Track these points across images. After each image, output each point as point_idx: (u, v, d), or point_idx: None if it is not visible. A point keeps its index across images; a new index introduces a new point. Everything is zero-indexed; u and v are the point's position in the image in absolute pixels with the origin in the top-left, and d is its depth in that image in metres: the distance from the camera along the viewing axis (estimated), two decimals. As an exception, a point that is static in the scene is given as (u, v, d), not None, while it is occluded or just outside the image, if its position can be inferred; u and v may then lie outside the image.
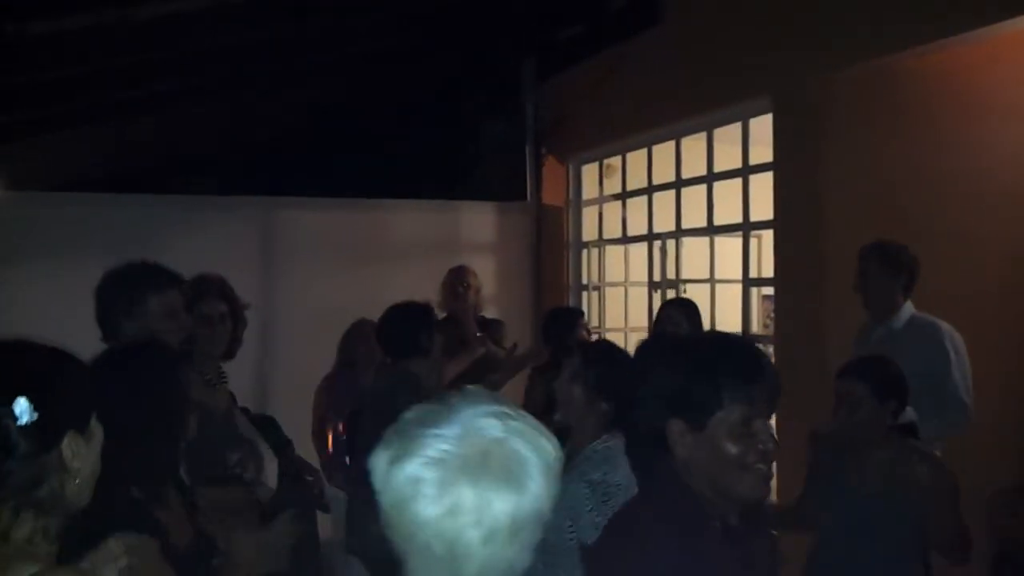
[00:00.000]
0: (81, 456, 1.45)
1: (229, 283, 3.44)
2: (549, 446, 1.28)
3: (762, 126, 5.17)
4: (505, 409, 1.28)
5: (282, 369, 6.23)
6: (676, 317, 4.51)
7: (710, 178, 5.74)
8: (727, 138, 5.67)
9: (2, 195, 5.97)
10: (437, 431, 1.24)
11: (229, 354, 3.33)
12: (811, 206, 4.65)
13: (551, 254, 7.36)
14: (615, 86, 6.27)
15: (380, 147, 7.41)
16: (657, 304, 5.94)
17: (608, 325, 6.87)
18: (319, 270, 6.55)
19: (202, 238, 6.20)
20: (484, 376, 5.34)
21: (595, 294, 7.04)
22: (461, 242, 7.08)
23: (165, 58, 4.89)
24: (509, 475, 1.22)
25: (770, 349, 4.86)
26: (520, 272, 7.24)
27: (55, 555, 1.43)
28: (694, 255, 6.09)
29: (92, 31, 4.18)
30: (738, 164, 5.48)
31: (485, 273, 5.75)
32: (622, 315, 6.74)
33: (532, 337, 7.12)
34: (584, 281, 7.19)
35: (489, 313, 5.89)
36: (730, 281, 5.74)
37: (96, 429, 1.52)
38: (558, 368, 3.46)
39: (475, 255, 6.60)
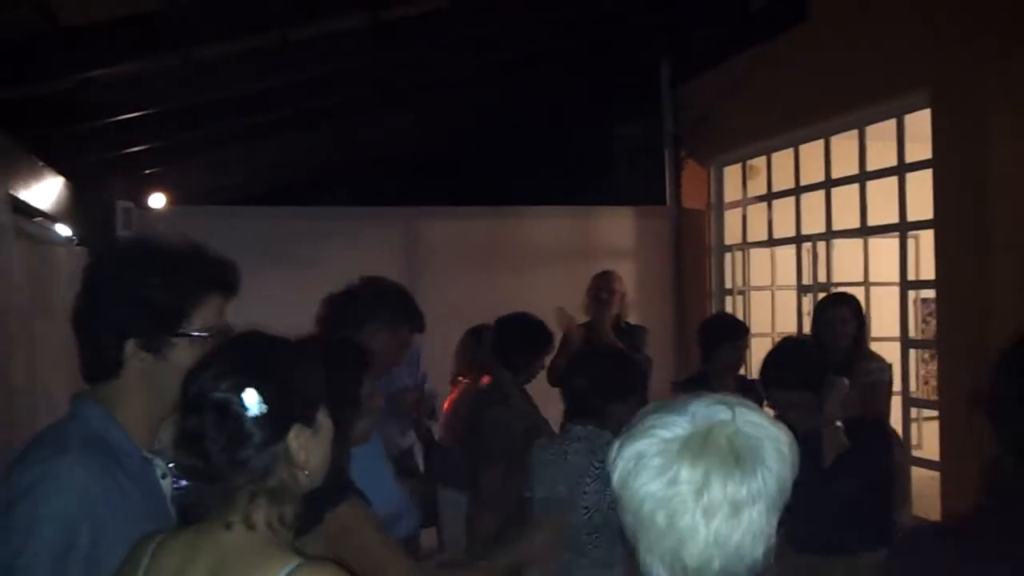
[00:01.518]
0: (308, 449, 1.49)
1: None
2: (780, 433, 1.29)
3: (917, 121, 4.94)
4: (735, 400, 1.31)
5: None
6: (845, 315, 4.40)
7: (863, 177, 5.50)
8: (879, 135, 5.43)
9: (169, 209, 6.38)
10: (667, 417, 1.29)
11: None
12: (975, 204, 4.39)
13: (692, 258, 7.23)
14: (759, 85, 6.10)
15: (519, 154, 7.49)
16: (807, 308, 5.75)
17: (755, 330, 6.66)
18: (459, 278, 6.66)
19: (347, 247, 6.45)
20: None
21: (739, 298, 6.86)
22: (600, 247, 7.05)
23: (313, 78, 5.09)
24: (733, 455, 1.24)
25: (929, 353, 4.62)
26: (660, 277, 7.16)
27: (291, 541, 1.49)
28: (846, 257, 5.85)
29: (249, 54, 4.41)
30: (892, 162, 5.24)
31: (624, 278, 5.70)
32: (769, 320, 6.54)
33: (673, 343, 7.05)
34: (728, 285, 7.02)
35: (629, 319, 5.83)
36: (886, 284, 5.48)
37: (324, 422, 1.55)
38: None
39: (614, 260, 6.55)
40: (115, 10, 3.29)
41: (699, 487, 1.23)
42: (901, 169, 5.11)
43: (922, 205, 4.93)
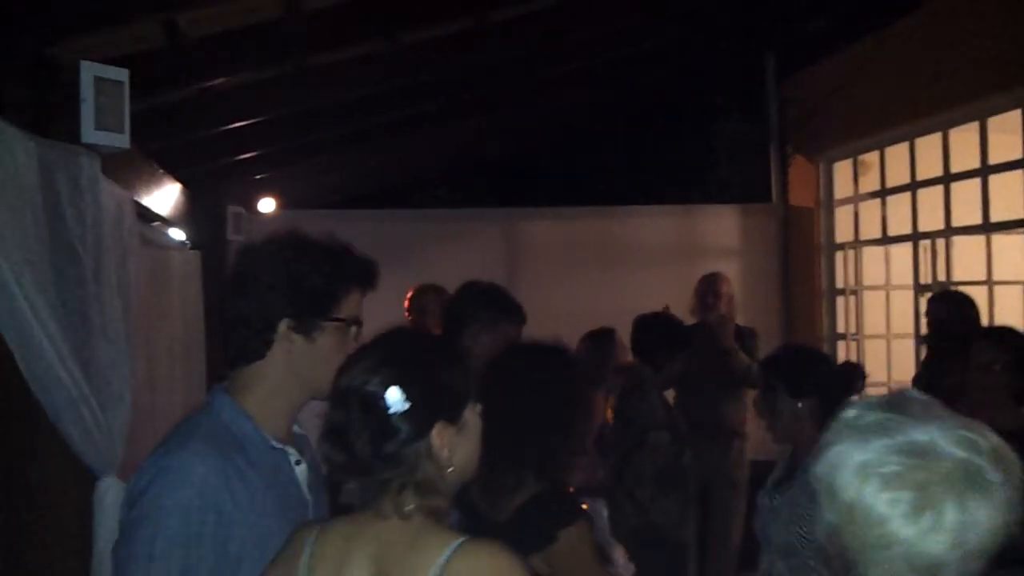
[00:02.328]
0: (452, 446, 1.50)
1: None
2: (1012, 463, 1.22)
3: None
4: (968, 425, 1.23)
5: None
6: (967, 314, 4.23)
7: (984, 171, 5.25)
8: (1002, 127, 5.17)
9: (279, 214, 6.54)
10: (906, 445, 1.19)
11: None
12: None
13: (800, 257, 7.02)
14: (870, 76, 5.89)
15: (621, 153, 7.41)
16: (924, 308, 5.53)
17: (868, 331, 6.45)
18: (562, 278, 6.63)
19: (449, 249, 6.50)
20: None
21: (851, 298, 6.63)
22: (704, 247, 6.92)
23: (419, 81, 5.14)
24: (987, 494, 1.17)
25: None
26: (767, 277, 6.97)
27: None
28: (966, 255, 5.59)
29: (357, 60, 4.47)
30: (1016, 155, 4.98)
31: (730, 279, 5.58)
32: (883, 320, 6.31)
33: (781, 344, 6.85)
34: (839, 285, 6.80)
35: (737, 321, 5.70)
36: (1011, 283, 5.23)
37: (471, 419, 1.56)
38: None
39: (718, 260, 6.42)
40: (236, 20, 3.38)
41: (960, 534, 1.16)
42: (1029, 162, 4.87)
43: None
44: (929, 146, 5.79)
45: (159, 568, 1.60)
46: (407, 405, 1.45)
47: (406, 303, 4.94)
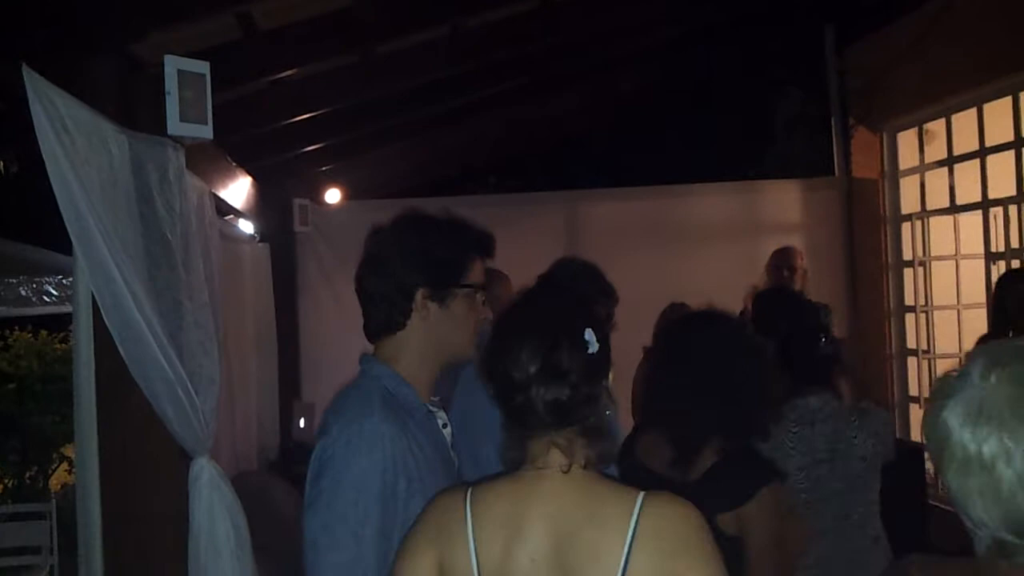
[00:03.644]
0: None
1: None
2: None
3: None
4: None
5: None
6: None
7: (1059, 133, 5.13)
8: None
9: (344, 204, 6.65)
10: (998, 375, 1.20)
11: None
12: None
13: (865, 230, 6.93)
14: (933, 43, 5.77)
15: (681, 131, 7.38)
16: (995, 278, 5.42)
17: (936, 302, 6.35)
18: (625, 258, 6.58)
19: (510, 234, 6.47)
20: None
21: (919, 270, 6.53)
22: (767, 222, 6.85)
23: (479, 67, 5.19)
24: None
25: None
26: (832, 251, 6.88)
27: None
28: (1039, 221, 5.47)
29: (419, 48, 4.53)
30: (1092, 115, 4.86)
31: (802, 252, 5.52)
32: (953, 291, 6.20)
33: (847, 320, 6.76)
34: (907, 257, 6.69)
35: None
36: (1088, 247, 5.11)
37: None
38: None
39: (782, 235, 6.35)
40: (308, 9, 3.45)
41: None
42: (1106, 122, 4.74)
43: None
44: (998, 111, 5.66)
45: (366, 527, 1.68)
46: (598, 347, 1.50)
47: None
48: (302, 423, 6.07)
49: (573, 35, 5.45)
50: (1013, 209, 5.58)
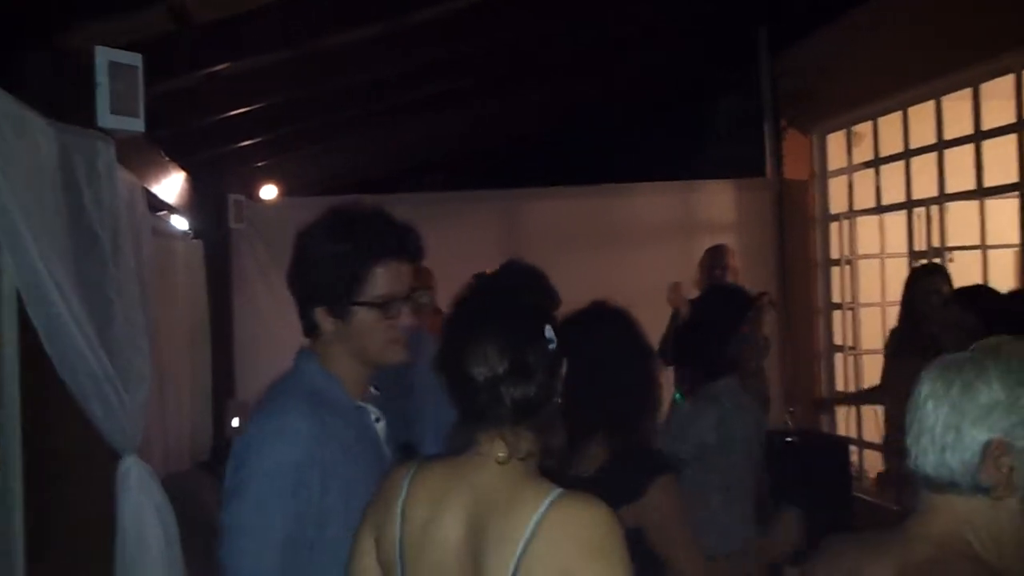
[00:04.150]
0: None
1: None
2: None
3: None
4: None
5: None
6: (938, 284, 4.30)
7: (978, 137, 5.33)
8: (994, 94, 5.25)
9: (279, 200, 6.59)
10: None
11: None
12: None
13: (795, 229, 7.11)
14: (862, 48, 5.95)
15: (617, 132, 7.47)
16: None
17: (863, 299, 6.54)
18: (561, 257, 6.61)
19: (449, 232, 6.54)
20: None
21: (847, 268, 6.72)
22: (701, 222, 6.99)
23: (420, 65, 5.18)
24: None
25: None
26: (764, 250, 7.05)
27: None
28: (961, 221, 5.68)
29: (356, 45, 4.51)
30: (1008, 120, 5.06)
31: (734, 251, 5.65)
32: (879, 289, 6.40)
33: (778, 316, 6.92)
34: (835, 256, 6.88)
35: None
36: (1004, 247, 5.32)
37: None
38: None
39: (716, 234, 6.49)
40: (246, 3, 3.42)
41: None
42: (1021, 126, 4.94)
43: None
44: (922, 114, 5.86)
45: (273, 520, 1.72)
46: (554, 343, 1.55)
47: None
48: (236, 422, 5.99)
49: (514, 35, 5.48)
50: (935, 209, 5.78)
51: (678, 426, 3.36)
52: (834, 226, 6.89)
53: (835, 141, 6.92)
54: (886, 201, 6.31)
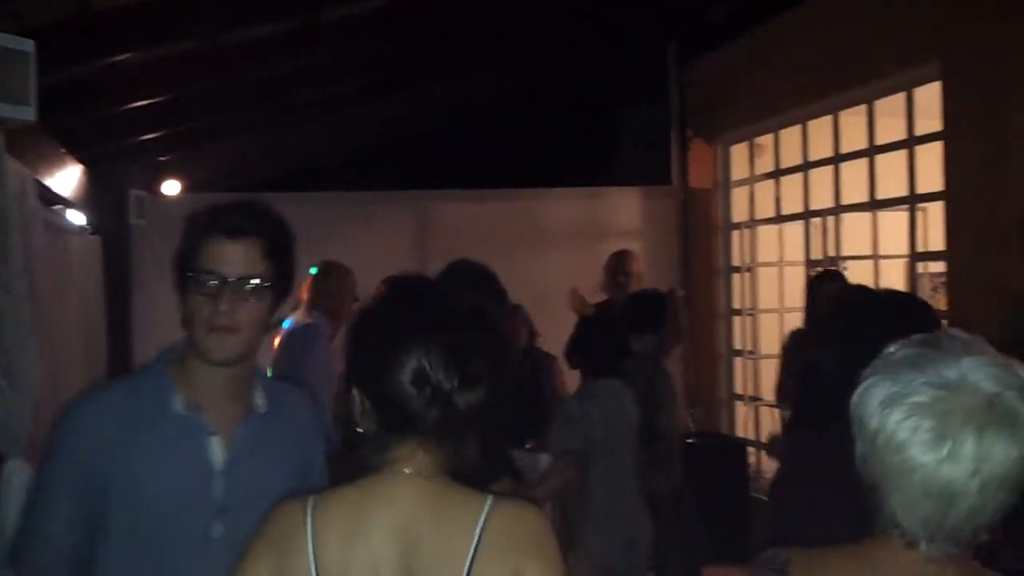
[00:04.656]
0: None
1: None
2: None
3: (924, 97, 5.01)
4: (1002, 361, 1.26)
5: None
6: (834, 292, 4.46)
7: (872, 151, 5.56)
8: (887, 111, 5.49)
9: (183, 196, 6.41)
10: (934, 378, 1.23)
11: None
12: (987, 176, 4.45)
13: (699, 237, 7.29)
14: (766, 63, 6.15)
15: (529, 137, 7.53)
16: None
17: (762, 306, 6.75)
18: (473, 258, 6.68)
19: (361, 232, 6.50)
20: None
21: (746, 275, 6.93)
22: (609, 228, 7.11)
23: (331, 63, 5.12)
24: (1010, 428, 1.21)
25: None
26: (668, 256, 7.22)
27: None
28: (854, 231, 5.91)
29: (264, 40, 4.44)
30: (898, 137, 5.30)
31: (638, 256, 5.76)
32: (777, 295, 6.62)
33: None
34: (735, 263, 7.09)
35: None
36: (894, 257, 5.56)
37: None
38: None
39: (623, 240, 6.60)
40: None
41: (978, 464, 1.20)
42: (911, 142, 5.17)
43: (931, 178, 5.00)
44: (820, 129, 6.08)
45: (51, 498, 1.75)
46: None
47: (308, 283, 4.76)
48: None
49: (424, 37, 5.47)
50: (832, 220, 6.01)
51: (567, 422, 3.58)
52: (736, 234, 7.10)
53: (738, 152, 7.13)
54: (785, 211, 6.53)
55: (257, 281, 1.76)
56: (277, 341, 4.75)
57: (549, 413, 4.86)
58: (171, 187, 6.43)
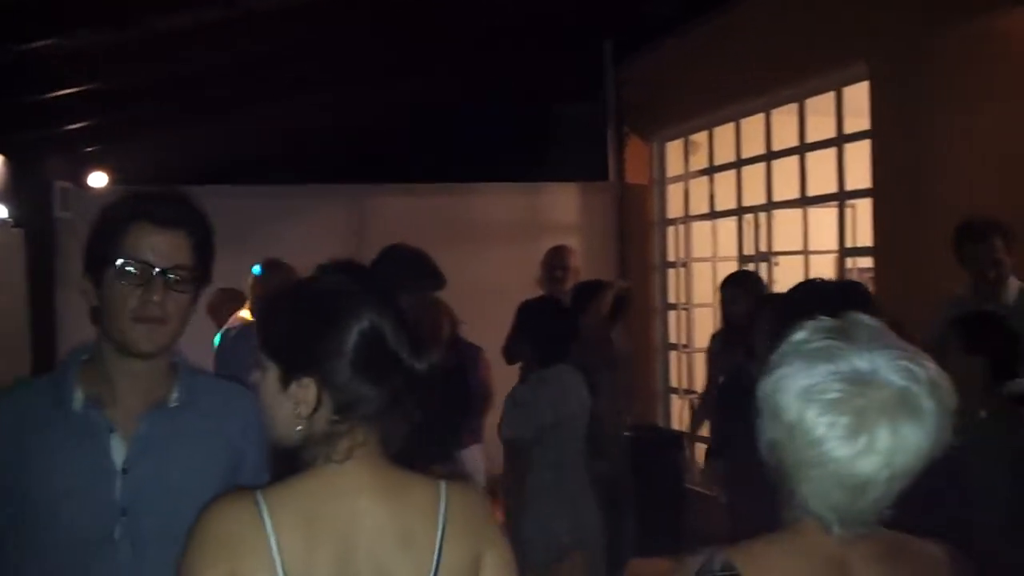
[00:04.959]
0: None
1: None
2: (946, 392, 1.28)
3: (853, 96, 5.14)
4: (909, 354, 1.28)
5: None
6: (734, 294, 4.50)
7: (802, 149, 5.69)
8: (818, 109, 5.61)
9: (110, 189, 6.24)
10: (849, 371, 1.25)
11: None
12: (913, 173, 4.58)
13: (635, 232, 7.37)
14: (700, 62, 6.24)
15: (468, 132, 7.51)
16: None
17: (696, 300, 6.86)
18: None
19: (296, 226, 6.41)
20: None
21: (681, 270, 7.03)
22: (546, 223, 7.14)
23: (262, 53, 5.03)
24: (920, 421, 1.24)
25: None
26: (604, 251, 7.28)
27: None
28: (786, 227, 6.04)
29: (194, 29, 4.33)
30: (829, 135, 5.43)
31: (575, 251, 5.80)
32: (711, 290, 6.71)
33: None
34: (671, 258, 7.18)
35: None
36: (824, 252, 5.69)
37: None
38: None
39: (560, 235, 6.63)
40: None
41: (890, 457, 1.23)
42: (840, 140, 5.30)
43: (859, 176, 5.13)
44: (753, 127, 6.20)
45: None
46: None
47: (252, 280, 4.70)
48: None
49: (358, 30, 5.40)
50: (764, 216, 6.13)
51: (517, 410, 3.64)
52: (671, 230, 7.19)
53: (673, 149, 7.23)
54: (719, 207, 6.64)
55: (186, 272, 1.70)
56: (217, 341, 4.68)
57: (476, 404, 4.92)
58: (98, 179, 6.25)
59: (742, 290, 4.43)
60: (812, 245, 5.80)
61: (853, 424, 1.23)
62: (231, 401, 1.87)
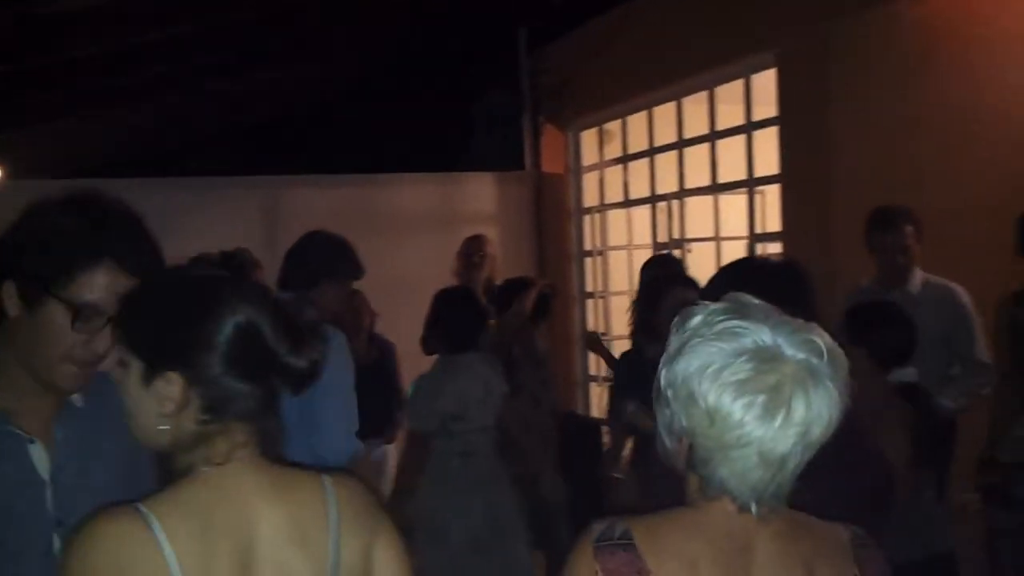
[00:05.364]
0: None
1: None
2: (842, 361, 1.32)
3: (761, 84, 5.24)
4: (803, 327, 1.32)
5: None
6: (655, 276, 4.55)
7: (712, 137, 5.78)
8: (727, 98, 5.71)
9: (7, 183, 5.97)
10: (756, 350, 1.28)
11: None
12: (818, 160, 4.70)
13: (553, 221, 7.40)
14: (613, 51, 6.28)
15: (379, 123, 7.43)
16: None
17: (613, 288, 6.93)
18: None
19: (207, 219, 6.22)
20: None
21: (598, 259, 7.09)
22: (463, 213, 7.11)
23: (167, 39, 4.87)
24: (826, 391, 1.28)
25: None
26: (522, 240, 7.29)
27: None
28: (698, 214, 6.14)
29: (96, 11, 4.16)
30: (737, 122, 5.53)
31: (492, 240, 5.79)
32: (627, 278, 6.80)
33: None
34: (588, 247, 7.23)
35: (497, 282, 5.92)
36: (735, 238, 5.80)
37: None
38: None
39: (477, 225, 6.61)
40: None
41: (805, 428, 1.27)
42: (749, 128, 5.41)
43: (768, 163, 5.25)
44: (665, 115, 6.28)
45: None
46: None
47: None
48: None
49: (269, 16, 5.28)
50: (676, 204, 6.22)
51: (422, 399, 3.69)
52: (587, 219, 7.25)
53: (589, 138, 7.28)
54: (633, 196, 6.71)
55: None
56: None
57: (394, 399, 4.89)
58: (-7, 172, 5.98)
59: (664, 272, 4.48)
60: (723, 231, 5.90)
61: (768, 402, 1.25)
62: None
